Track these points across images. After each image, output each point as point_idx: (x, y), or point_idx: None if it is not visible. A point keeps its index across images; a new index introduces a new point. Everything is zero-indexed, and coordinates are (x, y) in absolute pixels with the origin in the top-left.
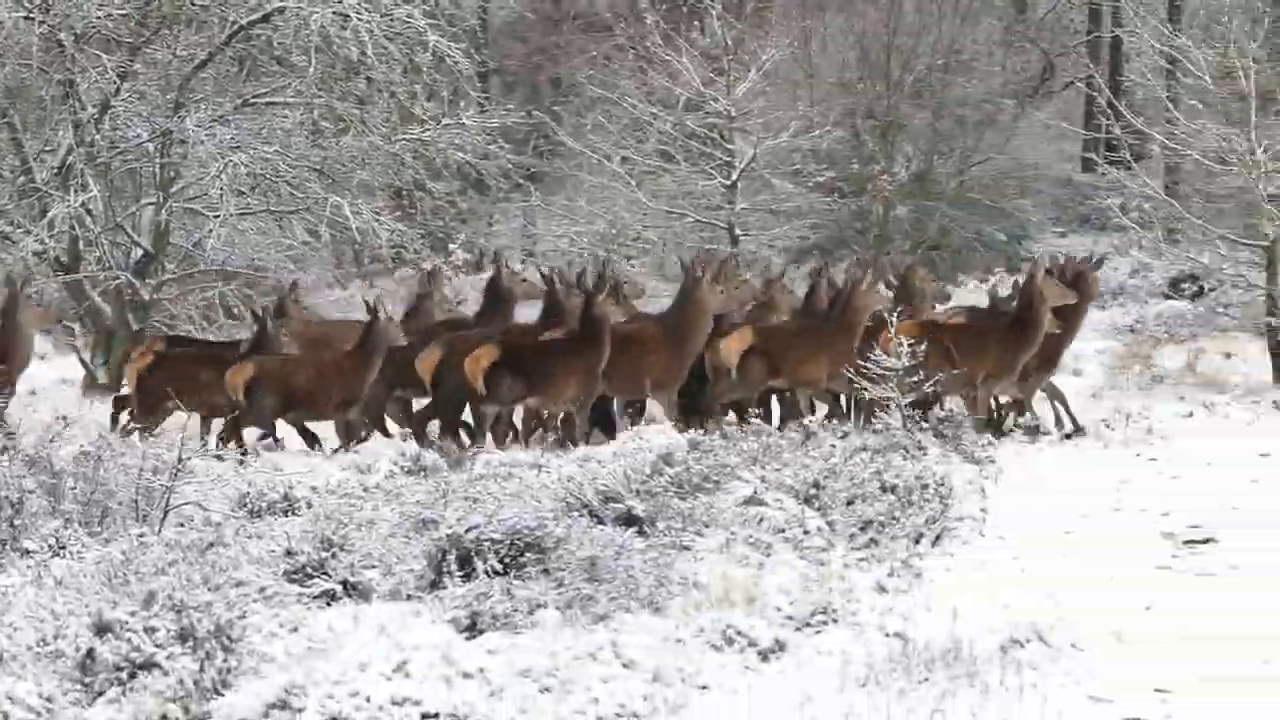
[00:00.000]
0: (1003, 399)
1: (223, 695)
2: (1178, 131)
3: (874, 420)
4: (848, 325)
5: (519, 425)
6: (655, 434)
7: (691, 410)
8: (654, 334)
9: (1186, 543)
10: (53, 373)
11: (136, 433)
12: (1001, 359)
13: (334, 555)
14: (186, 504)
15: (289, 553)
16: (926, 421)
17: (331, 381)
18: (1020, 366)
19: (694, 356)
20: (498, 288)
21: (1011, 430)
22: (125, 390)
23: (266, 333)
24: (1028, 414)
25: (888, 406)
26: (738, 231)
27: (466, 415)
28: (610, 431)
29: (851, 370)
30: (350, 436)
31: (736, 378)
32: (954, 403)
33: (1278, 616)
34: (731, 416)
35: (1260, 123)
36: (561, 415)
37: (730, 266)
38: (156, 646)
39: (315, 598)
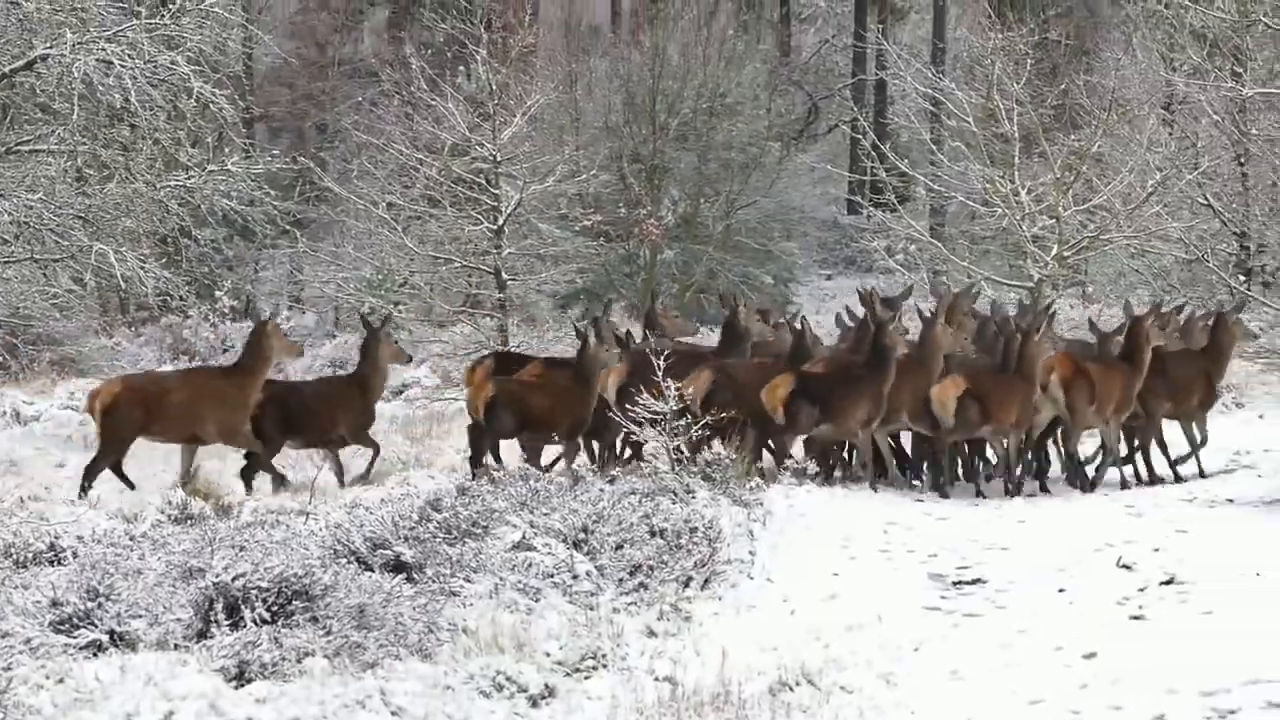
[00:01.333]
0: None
1: None
2: (942, 173)
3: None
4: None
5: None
6: (423, 479)
7: None
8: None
9: (955, 583)
10: None
11: None
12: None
13: (100, 605)
14: None
15: (55, 603)
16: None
17: (563, 406)
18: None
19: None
20: (735, 326)
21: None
22: None
23: None
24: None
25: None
26: (505, 276)
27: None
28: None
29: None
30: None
31: None
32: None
33: (1044, 655)
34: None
35: (1023, 164)
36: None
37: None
38: None
39: (82, 648)
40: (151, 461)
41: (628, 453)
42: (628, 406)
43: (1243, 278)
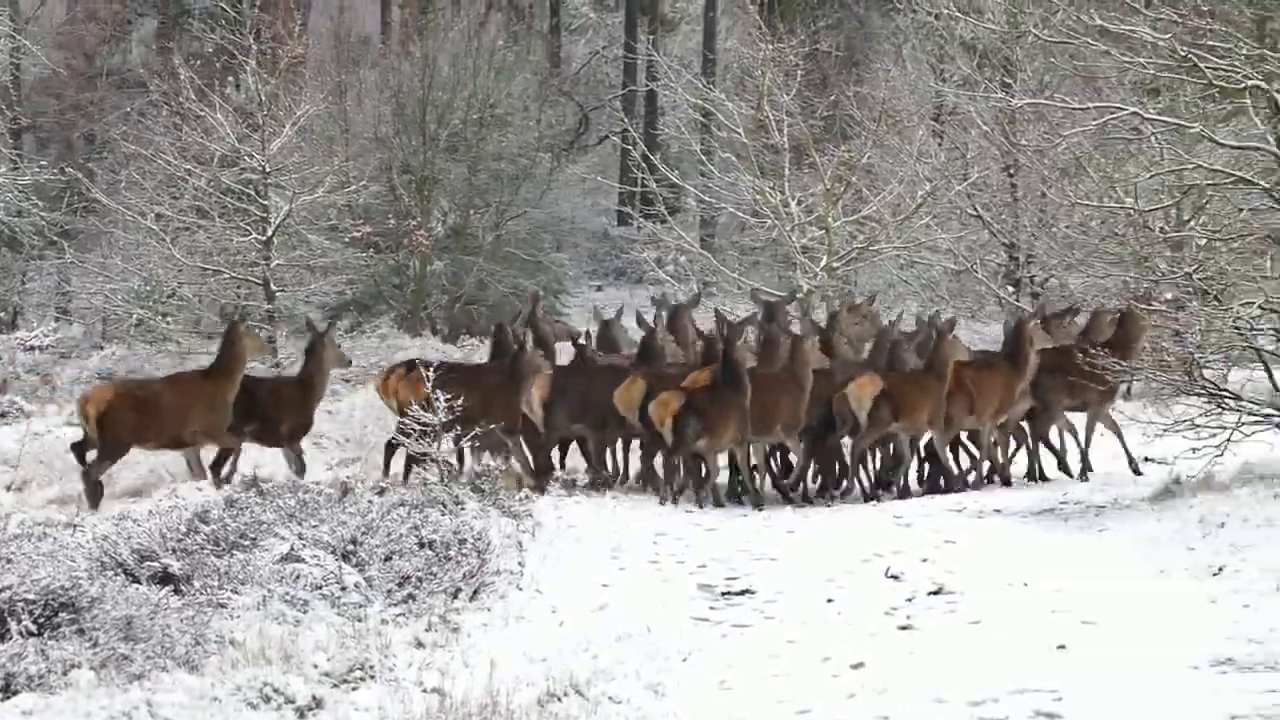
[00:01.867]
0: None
1: None
2: (712, 184)
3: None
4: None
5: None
6: (192, 491)
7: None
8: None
9: (724, 594)
10: None
11: None
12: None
13: None
14: None
15: None
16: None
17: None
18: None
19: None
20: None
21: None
22: None
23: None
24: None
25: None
26: (274, 287)
27: None
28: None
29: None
30: None
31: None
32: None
33: (812, 666)
34: None
35: (793, 175)
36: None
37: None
38: None
39: None
40: None
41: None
42: (401, 421)
43: (1011, 288)
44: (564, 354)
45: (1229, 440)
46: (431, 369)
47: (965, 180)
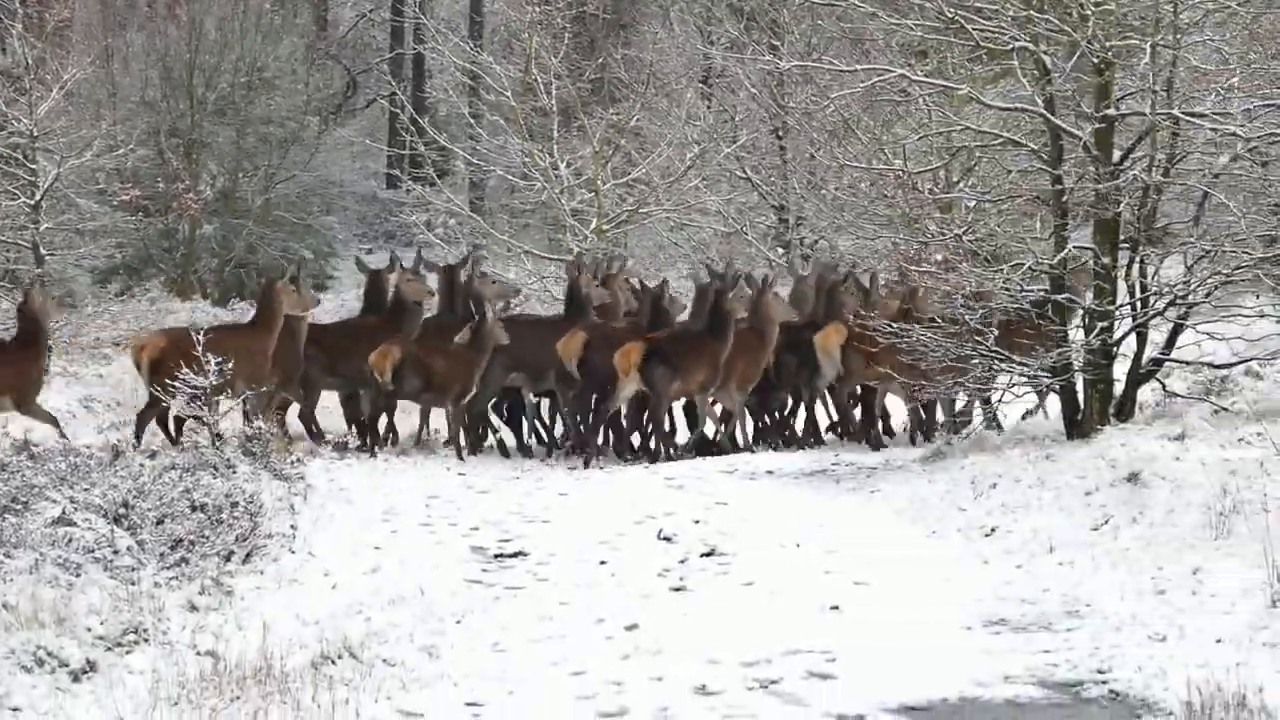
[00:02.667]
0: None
1: None
2: (481, 147)
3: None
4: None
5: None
6: None
7: None
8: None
9: (496, 556)
10: None
11: None
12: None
13: None
14: None
15: None
16: None
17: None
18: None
19: None
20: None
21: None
22: None
23: None
24: None
25: None
26: (43, 251)
27: None
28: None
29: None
30: None
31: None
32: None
33: (586, 627)
34: None
35: (562, 138)
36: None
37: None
38: None
39: None
40: None
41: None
42: (167, 381)
43: (781, 250)
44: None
45: (1000, 400)
46: None
47: (734, 143)
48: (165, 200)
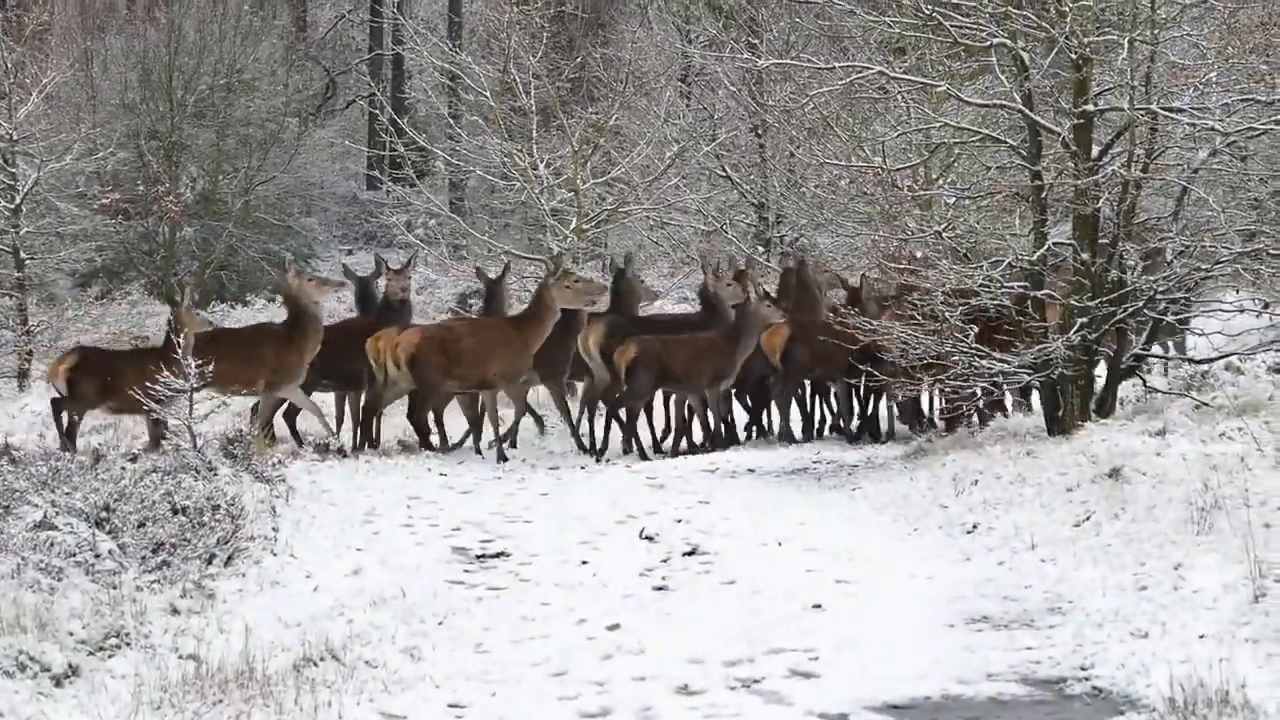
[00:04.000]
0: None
1: None
2: (461, 148)
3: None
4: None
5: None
6: None
7: None
8: None
9: (478, 557)
10: None
11: None
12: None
13: None
14: None
15: None
16: None
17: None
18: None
19: None
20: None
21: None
22: None
23: None
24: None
25: None
26: (23, 255)
27: None
28: None
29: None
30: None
31: None
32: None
33: (568, 627)
34: None
35: (541, 138)
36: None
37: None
38: None
39: None
40: None
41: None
42: (148, 385)
43: (762, 248)
44: None
45: (977, 397)
46: None
47: (713, 141)
48: (145, 203)
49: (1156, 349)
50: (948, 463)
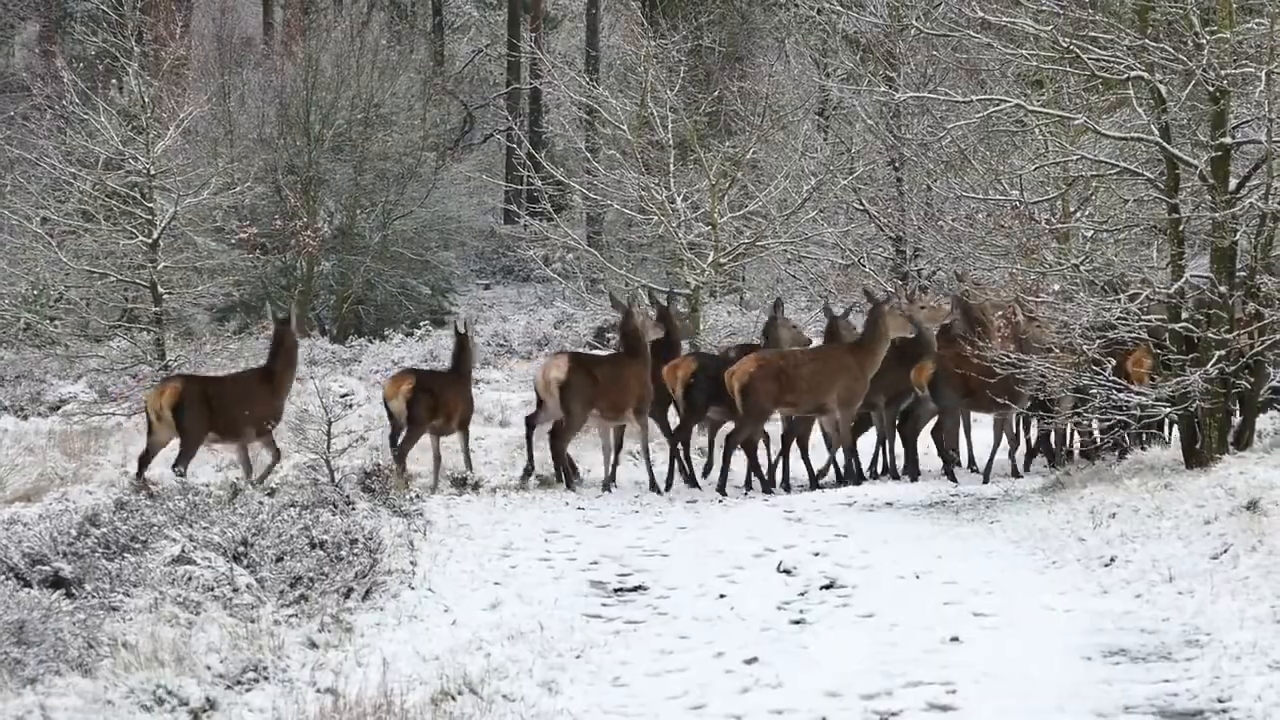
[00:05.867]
0: None
1: None
2: (598, 181)
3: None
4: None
5: None
6: (82, 494)
7: None
8: None
9: (616, 590)
10: None
11: None
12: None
13: None
14: None
15: None
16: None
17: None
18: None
19: None
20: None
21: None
22: None
23: None
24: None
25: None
26: (161, 290)
27: None
28: None
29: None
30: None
31: None
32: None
33: (706, 660)
34: None
35: (678, 171)
36: None
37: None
38: None
39: None
40: None
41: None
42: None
43: (899, 282)
44: None
45: (1125, 430)
46: None
47: (851, 174)
48: (283, 237)
49: None
50: (1085, 496)
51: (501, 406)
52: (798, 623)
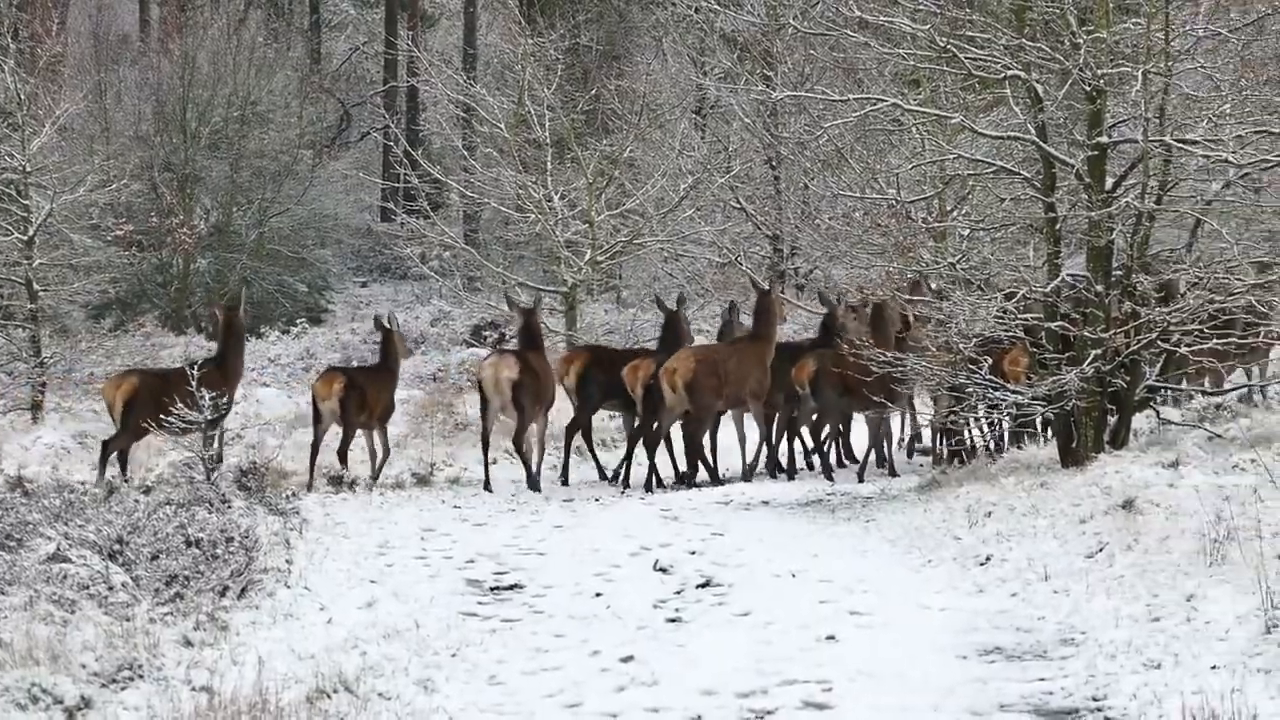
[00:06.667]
0: None
1: None
2: (475, 179)
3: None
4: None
5: None
6: None
7: None
8: None
9: (492, 589)
10: None
11: None
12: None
13: None
14: None
15: None
16: None
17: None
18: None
19: None
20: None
21: None
22: None
23: None
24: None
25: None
26: (36, 287)
27: None
28: None
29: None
30: None
31: None
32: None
33: (582, 659)
34: None
35: (555, 170)
36: None
37: None
38: None
39: None
40: None
41: None
42: (163, 417)
43: (776, 280)
44: None
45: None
46: None
47: (728, 173)
48: (159, 235)
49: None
50: (961, 494)
51: None
52: (674, 621)
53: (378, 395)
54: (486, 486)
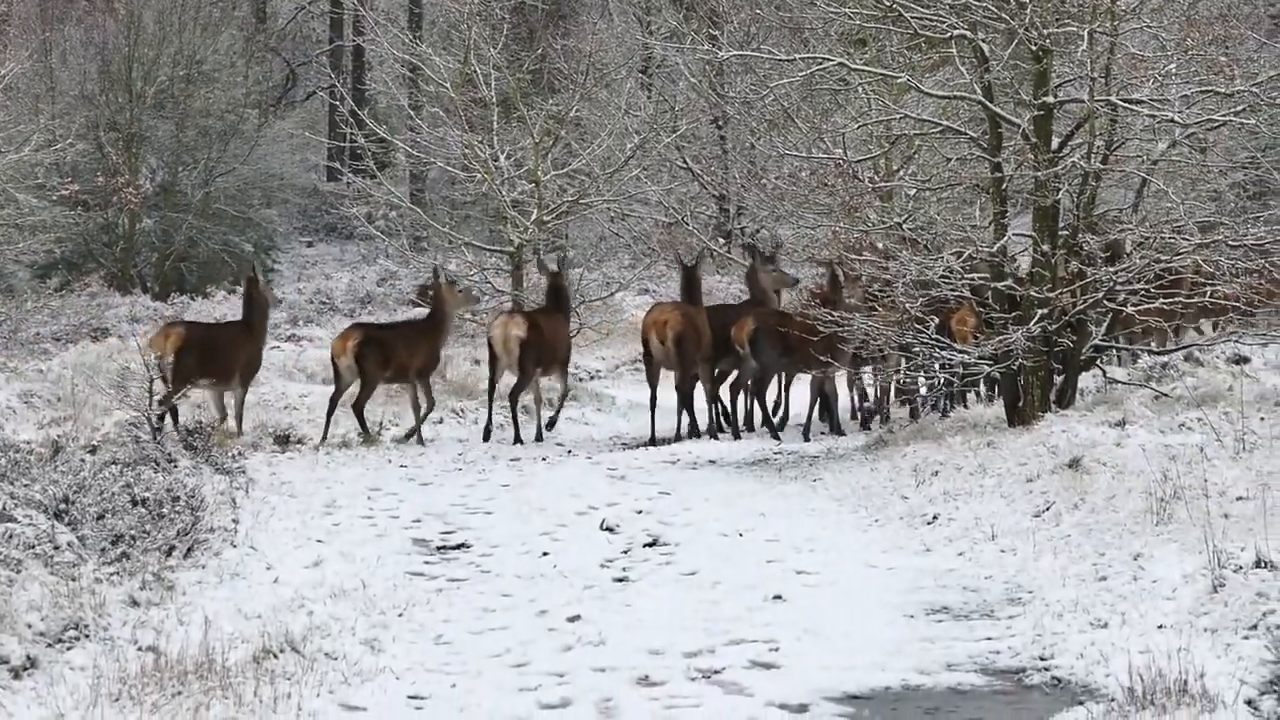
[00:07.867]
0: None
1: None
2: (421, 139)
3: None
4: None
5: None
6: None
7: None
8: None
9: (439, 549)
10: None
11: None
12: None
13: None
14: None
15: None
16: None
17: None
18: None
19: None
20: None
21: None
22: None
23: None
24: None
25: None
26: None
27: None
28: None
29: None
30: None
31: None
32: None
33: (529, 619)
34: None
35: (502, 129)
36: None
37: None
38: None
39: None
40: None
41: None
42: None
43: (723, 240)
44: None
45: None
46: None
47: (674, 133)
48: (105, 194)
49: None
50: (908, 454)
51: (324, 364)
52: (621, 581)
53: (410, 351)
54: (486, 438)
